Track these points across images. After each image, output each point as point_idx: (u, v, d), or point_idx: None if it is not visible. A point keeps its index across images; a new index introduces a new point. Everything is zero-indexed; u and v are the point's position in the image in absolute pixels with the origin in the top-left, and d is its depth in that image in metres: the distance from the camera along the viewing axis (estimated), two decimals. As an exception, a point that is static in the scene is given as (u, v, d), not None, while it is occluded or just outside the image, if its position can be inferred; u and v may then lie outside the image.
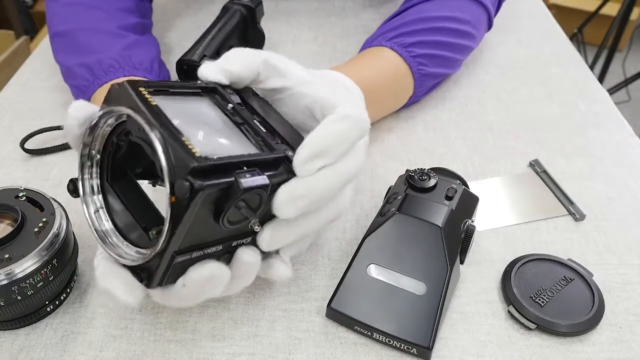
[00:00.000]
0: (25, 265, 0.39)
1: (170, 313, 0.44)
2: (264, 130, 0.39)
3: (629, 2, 1.62)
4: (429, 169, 0.49)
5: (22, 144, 0.59)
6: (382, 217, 0.46)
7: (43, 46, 0.77)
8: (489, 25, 0.69)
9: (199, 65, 0.64)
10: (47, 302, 0.43)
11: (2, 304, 0.40)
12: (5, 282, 0.39)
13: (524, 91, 0.69)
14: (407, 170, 0.49)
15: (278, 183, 0.36)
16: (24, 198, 0.44)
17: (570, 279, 0.45)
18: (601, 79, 1.78)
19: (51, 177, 0.56)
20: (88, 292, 0.46)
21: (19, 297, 0.40)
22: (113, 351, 0.42)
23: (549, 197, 0.55)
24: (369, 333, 0.42)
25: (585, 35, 1.88)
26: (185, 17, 0.83)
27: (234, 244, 0.38)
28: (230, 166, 0.33)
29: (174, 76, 0.65)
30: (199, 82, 0.40)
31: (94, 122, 0.37)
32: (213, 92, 0.41)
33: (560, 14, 1.67)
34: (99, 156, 0.38)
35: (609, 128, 0.63)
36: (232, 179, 0.33)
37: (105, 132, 0.37)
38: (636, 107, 1.94)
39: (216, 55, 0.64)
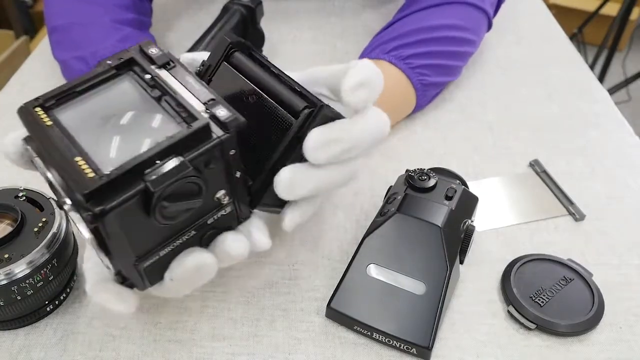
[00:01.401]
0: (25, 265, 0.39)
1: (170, 313, 0.44)
2: (187, 98, 0.34)
3: (629, 2, 1.62)
4: (429, 169, 0.49)
5: (22, 144, 0.59)
6: (382, 217, 0.46)
7: (43, 46, 0.77)
8: (489, 27, 0.69)
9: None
10: (46, 302, 0.43)
11: (1, 304, 0.40)
12: (5, 282, 0.39)
13: (524, 91, 0.69)
14: (407, 170, 0.49)
15: (208, 155, 0.32)
16: (24, 198, 0.44)
17: (570, 279, 0.45)
18: (601, 79, 1.78)
19: (51, 177, 0.56)
20: (88, 292, 0.46)
21: (19, 297, 0.40)
22: (113, 351, 0.42)
23: (549, 197, 0.55)
24: (369, 333, 0.42)
25: (585, 35, 1.88)
26: (185, 17, 0.82)
27: (210, 221, 0.36)
28: (138, 168, 0.30)
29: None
30: (109, 61, 0.36)
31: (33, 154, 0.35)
32: (132, 64, 0.36)
33: (560, 14, 1.67)
34: None
35: (609, 128, 0.63)
36: (142, 184, 0.30)
37: None
38: (636, 107, 1.94)
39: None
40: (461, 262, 0.46)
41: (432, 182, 0.47)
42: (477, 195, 0.49)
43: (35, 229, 0.41)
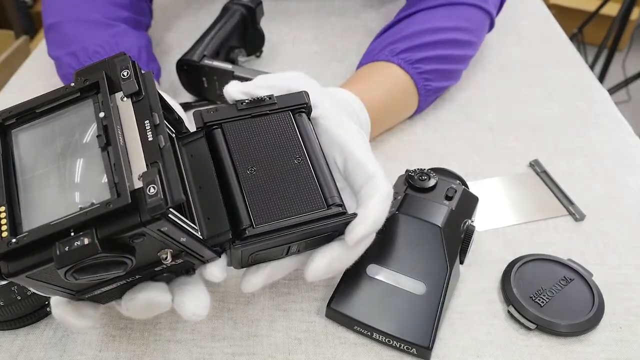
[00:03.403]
0: (25, 265, 0.39)
1: (170, 313, 0.44)
2: (132, 152, 0.30)
3: (629, 2, 1.62)
4: (429, 169, 0.49)
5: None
6: (382, 217, 0.46)
7: (43, 46, 0.77)
8: (491, 27, 0.69)
9: (199, 65, 0.64)
10: (46, 302, 0.43)
11: (1, 304, 0.40)
12: (5, 282, 0.39)
13: (524, 91, 0.69)
14: (407, 170, 0.49)
15: (129, 233, 0.29)
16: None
17: (570, 279, 0.45)
18: (601, 79, 1.78)
19: (51, 177, 0.56)
20: (88, 292, 0.46)
21: (19, 297, 0.40)
22: (113, 351, 0.42)
23: (549, 197, 0.55)
24: (369, 333, 0.42)
25: (585, 35, 1.88)
26: (185, 17, 0.82)
27: (158, 268, 0.34)
28: (50, 237, 0.28)
29: (172, 75, 0.65)
30: (72, 84, 0.33)
31: None
32: (97, 89, 0.33)
33: (560, 14, 1.67)
34: None
35: (609, 128, 0.63)
36: (50, 256, 0.28)
37: None
38: (636, 107, 1.94)
39: (215, 55, 0.64)
40: (461, 262, 0.46)
41: (432, 182, 0.47)
42: (477, 196, 0.48)
43: (35, 229, 0.41)
